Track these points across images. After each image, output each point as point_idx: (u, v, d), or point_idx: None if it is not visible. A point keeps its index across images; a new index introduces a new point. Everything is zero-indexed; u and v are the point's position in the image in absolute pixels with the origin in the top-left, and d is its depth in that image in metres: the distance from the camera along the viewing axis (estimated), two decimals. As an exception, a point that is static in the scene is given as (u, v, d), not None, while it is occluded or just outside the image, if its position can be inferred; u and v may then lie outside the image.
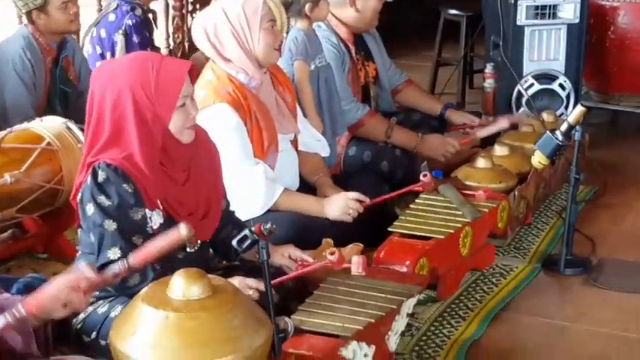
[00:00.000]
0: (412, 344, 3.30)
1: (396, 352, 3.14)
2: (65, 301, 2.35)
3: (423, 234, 3.61)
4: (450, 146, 4.59)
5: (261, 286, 2.69)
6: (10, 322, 2.08)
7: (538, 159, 3.88)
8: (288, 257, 3.20)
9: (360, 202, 3.66)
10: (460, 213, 3.76)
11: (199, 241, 3.04)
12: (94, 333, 2.91)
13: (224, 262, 3.33)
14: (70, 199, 3.07)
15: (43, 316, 2.41)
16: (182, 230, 2.32)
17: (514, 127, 4.94)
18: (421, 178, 3.85)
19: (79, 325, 2.95)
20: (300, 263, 3.19)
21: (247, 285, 2.80)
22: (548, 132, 3.84)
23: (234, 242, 2.66)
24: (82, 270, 2.41)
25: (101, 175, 2.83)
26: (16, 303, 2.43)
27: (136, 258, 2.38)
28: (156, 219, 2.90)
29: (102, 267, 2.81)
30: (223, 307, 2.26)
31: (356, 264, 3.00)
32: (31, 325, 2.42)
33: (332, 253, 2.95)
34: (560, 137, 3.77)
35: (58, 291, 2.36)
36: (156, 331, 2.21)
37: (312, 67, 4.32)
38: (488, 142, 4.85)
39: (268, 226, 2.63)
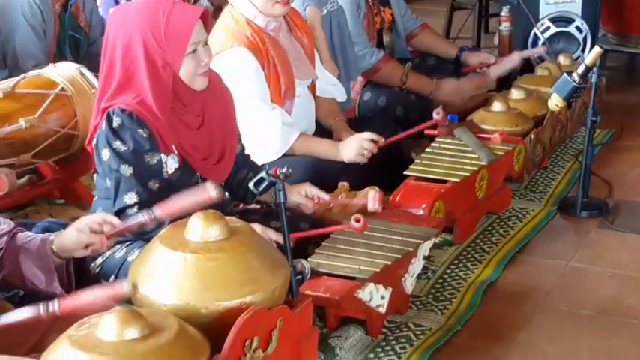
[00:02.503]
0: (428, 287, 3.31)
1: (412, 294, 3.15)
2: (87, 242, 2.37)
3: (438, 177, 3.60)
4: (465, 89, 4.57)
5: (281, 239, 2.69)
6: (42, 315, 2.10)
7: (554, 101, 3.85)
8: (305, 196, 3.19)
9: (375, 142, 3.64)
10: (476, 156, 3.75)
11: (214, 186, 3.04)
12: (112, 276, 2.93)
13: (240, 205, 3.33)
14: (85, 144, 3.08)
15: (64, 255, 2.42)
16: (211, 192, 2.32)
17: (528, 67, 4.91)
18: (434, 115, 3.80)
19: (98, 269, 2.97)
20: (317, 201, 3.19)
21: (268, 237, 2.79)
22: (564, 74, 3.81)
23: (250, 185, 2.66)
24: (104, 216, 2.42)
25: (116, 121, 2.83)
26: (37, 242, 2.44)
27: (163, 210, 2.38)
28: (171, 164, 2.90)
29: (119, 212, 2.82)
30: (240, 248, 2.26)
31: (372, 200, 3.00)
32: (53, 263, 2.43)
33: (357, 220, 2.93)
34: (576, 79, 3.74)
35: (80, 233, 2.37)
36: (174, 272, 2.21)
37: (325, 11, 4.28)
38: (504, 85, 4.83)
39: (284, 170, 2.62)
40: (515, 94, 4.40)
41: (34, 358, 2.12)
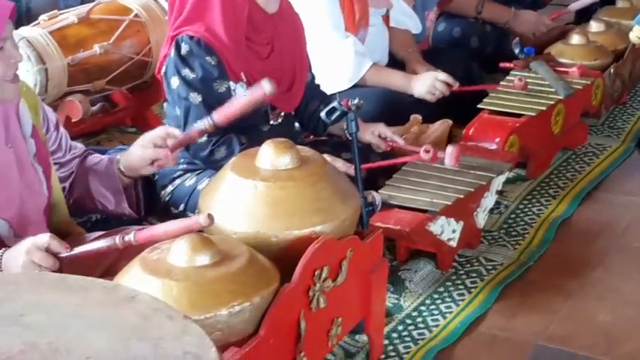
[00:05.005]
0: (500, 222, 3.27)
1: (484, 229, 3.11)
2: (152, 158, 2.36)
3: (513, 111, 3.52)
4: (543, 25, 4.46)
5: (351, 171, 2.65)
6: (117, 245, 2.09)
7: (637, 34, 3.71)
8: (378, 136, 3.15)
9: (449, 85, 3.57)
10: (553, 90, 3.66)
11: (283, 114, 3.02)
12: (182, 205, 2.94)
13: (311, 137, 3.31)
14: (156, 72, 3.07)
15: (132, 174, 2.42)
16: (265, 86, 2.27)
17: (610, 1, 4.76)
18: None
19: (168, 198, 2.98)
20: (390, 142, 3.14)
21: (338, 167, 2.77)
22: (649, 5, 3.68)
23: (322, 114, 2.63)
24: (167, 129, 2.41)
25: (184, 48, 2.81)
26: (104, 163, 2.45)
27: (221, 115, 2.34)
28: (240, 92, 2.87)
29: (189, 140, 2.82)
30: (311, 177, 2.23)
31: (449, 155, 2.94)
32: (120, 183, 2.44)
33: (427, 151, 2.89)
34: (661, 11, 3.61)
35: (144, 149, 2.36)
36: (244, 200, 2.20)
37: (402, -62, 4.18)
38: (584, 18, 4.69)
39: (356, 101, 2.58)
40: (595, 26, 4.28)
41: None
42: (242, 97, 2.39)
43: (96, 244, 2.11)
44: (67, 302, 1.32)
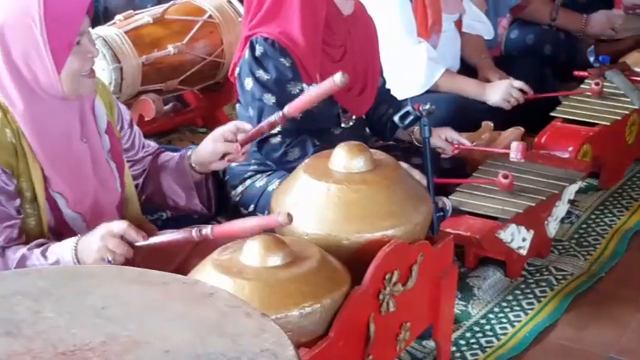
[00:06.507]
0: (572, 232, 3.23)
1: (554, 238, 3.08)
2: (223, 152, 2.37)
3: (587, 120, 3.48)
4: (617, 17, 4.39)
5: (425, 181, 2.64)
6: (194, 238, 2.09)
7: None
8: (445, 140, 3.13)
9: (523, 92, 3.54)
10: (628, 99, 3.60)
11: (354, 117, 3.02)
12: (252, 205, 2.96)
13: (380, 141, 3.30)
14: (228, 74, 3.09)
15: (202, 169, 2.44)
16: (336, 79, 2.26)
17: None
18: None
19: (238, 198, 3.00)
20: (457, 146, 3.12)
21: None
22: None
23: (395, 118, 2.62)
24: (237, 123, 2.42)
25: (259, 49, 2.82)
26: (175, 159, 2.47)
27: (291, 107, 2.34)
28: (313, 92, 2.87)
29: (262, 140, 2.82)
30: (384, 181, 2.23)
31: (515, 150, 2.91)
32: (191, 179, 2.45)
33: (505, 177, 2.86)
34: None
35: (215, 143, 2.37)
36: (317, 202, 2.20)
37: (475, -57, 4.15)
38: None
39: (427, 106, 2.58)
40: (674, 35, 4.21)
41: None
42: (313, 90, 2.38)
43: (172, 235, 2.12)
44: (147, 296, 1.34)
